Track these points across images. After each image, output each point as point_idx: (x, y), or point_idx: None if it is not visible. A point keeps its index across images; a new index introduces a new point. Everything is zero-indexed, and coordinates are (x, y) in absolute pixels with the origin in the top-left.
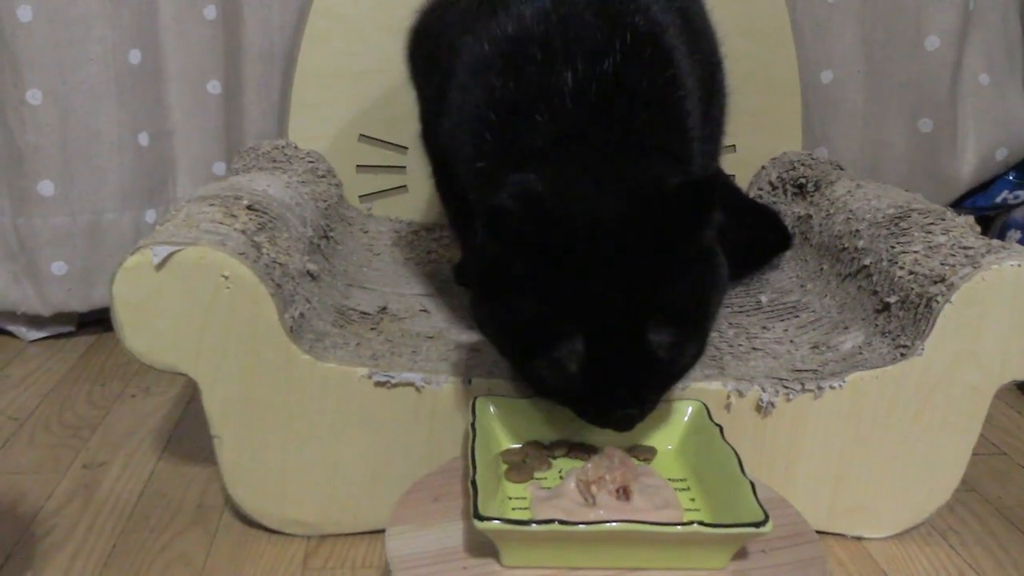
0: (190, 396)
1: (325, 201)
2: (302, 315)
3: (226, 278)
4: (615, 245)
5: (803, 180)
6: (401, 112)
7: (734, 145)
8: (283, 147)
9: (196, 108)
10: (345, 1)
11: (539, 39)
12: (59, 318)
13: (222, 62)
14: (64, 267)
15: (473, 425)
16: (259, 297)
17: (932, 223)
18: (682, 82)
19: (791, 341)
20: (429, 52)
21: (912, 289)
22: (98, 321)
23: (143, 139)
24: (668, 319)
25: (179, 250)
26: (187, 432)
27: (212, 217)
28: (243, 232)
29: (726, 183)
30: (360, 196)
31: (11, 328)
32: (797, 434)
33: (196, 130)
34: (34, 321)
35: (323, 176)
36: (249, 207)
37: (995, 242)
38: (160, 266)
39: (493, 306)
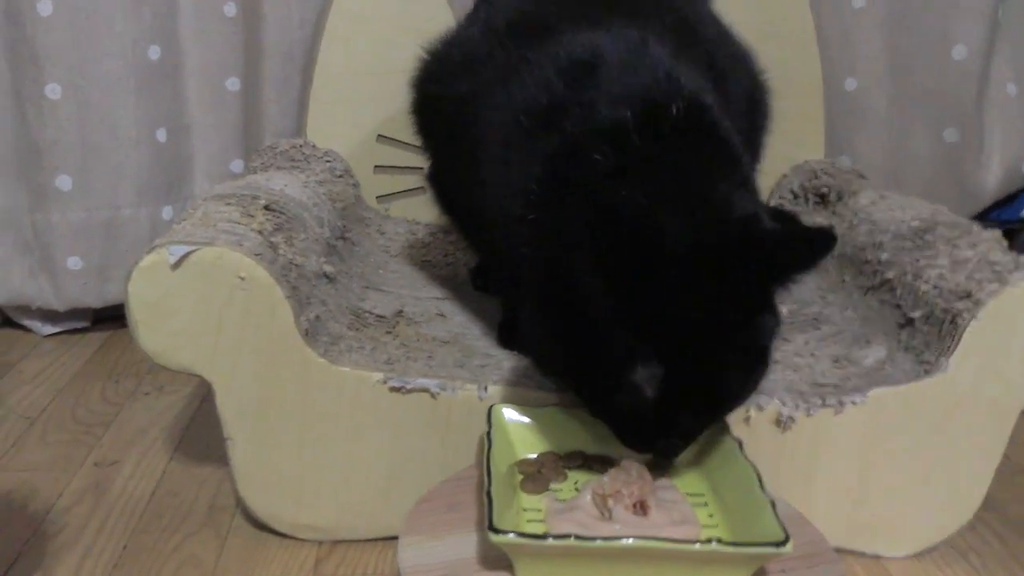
0: (203, 395)
1: (342, 201)
2: (318, 317)
3: (242, 279)
4: (707, 274)
5: (825, 189)
6: None
7: None
8: (301, 146)
9: (214, 105)
10: (366, 0)
11: (591, 72)
12: (74, 313)
13: (241, 59)
14: (80, 262)
15: (489, 434)
16: (275, 299)
17: (958, 236)
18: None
19: (812, 354)
20: (441, 108)
21: (937, 304)
22: (113, 317)
23: (161, 135)
24: (743, 355)
25: (195, 250)
26: (200, 431)
27: (229, 216)
28: (260, 232)
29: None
30: (378, 197)
31: (26, 322)
32: (817, 449)
33: (214, 127)
34: (49, 316)
35: (340, 176)
36: (266, 207)
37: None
38: (176, 265)
39: (561, 328)
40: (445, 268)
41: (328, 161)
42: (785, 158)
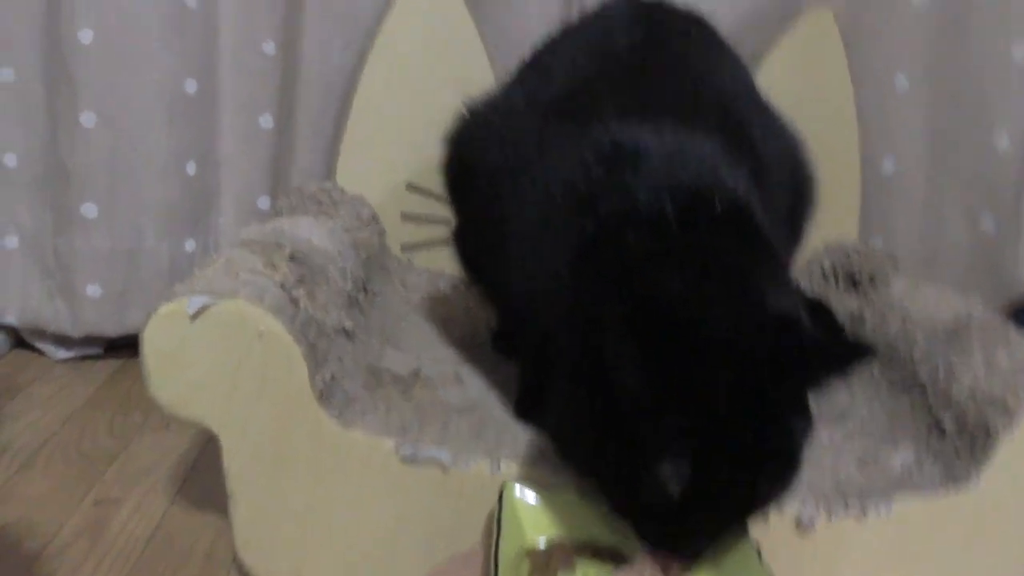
0: (210, 436)
1: (367, 250)
2: (333, 377)
3: (261, 334)
4: (743, 371)
5: (857, 272)
6: None
7: None
8: (329, 190)
9: (246, 141)
10: (406, 47)
11: (632, 160)
12: (88, 340)
13: (276, 97)
14: (99, 290)
15: (499, 518)
16: (292, 357)
17: (994, 340)
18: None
19: (836, 451)
20: (474, 173)
21: (970, 410)
22: (126, 345)
23: (191, 168)
24: (773, 457)
25: (216, 303)
26: (204, 474)
27: (253, 266)
28: (282, 285)
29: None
30: (402, 245)
31: (40, 345)
32: (837, 557)
33: (244, 163)
34: (63, 341)
35: (367, 223)
36: (291, 257)
37: None
38: (195, 316)
39: (588, 416)
40: (466, 326)
41: (355, 207)
42: (817, 236)
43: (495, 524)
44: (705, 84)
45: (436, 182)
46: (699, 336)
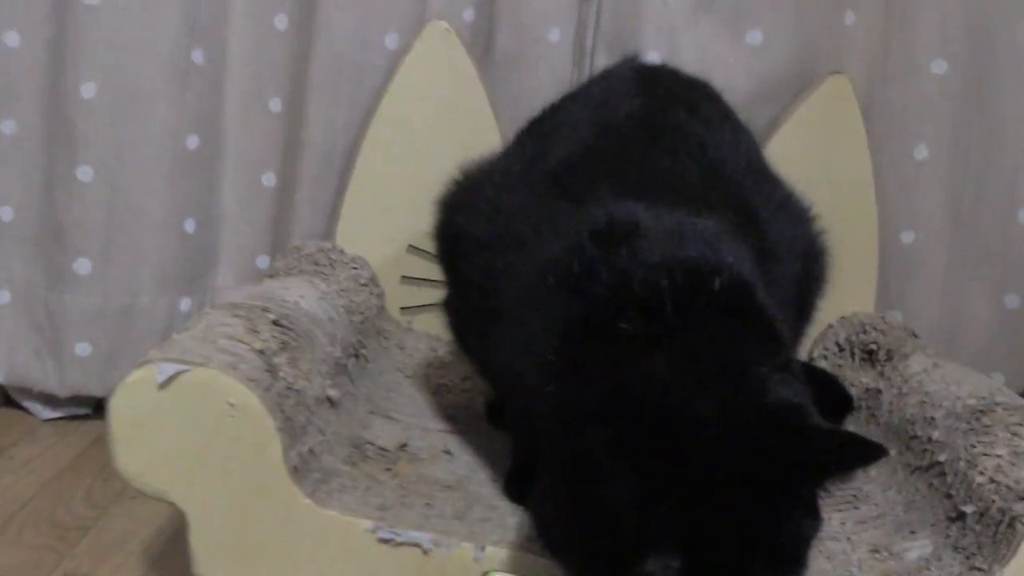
0: None
1: (362, 313)
2: (311, 451)
3: (232, 406)
4: (735, 463)
5: (874, 346)
6: None
7: None
8: (328, 250)
9: (248, 199)
10: (412, 109)
11: (629, 238)
12: (76, 399)
13: (280, 155)
14: (88, 348)
15: None
16: (265, 430)
17: (1019, 424)
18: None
19: (848, 539)
20: (465, 243)
21: (993, 502)
22: None
23: (189, 225)
24: (773, 556)
25: (186, 371)
26: (179, 549)
27: (232, 332)
28: (261, 352)
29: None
30: (402, 308)
31: (27, 403)
32: None
33: (245, 221)
34: (50, 400)
35: (365, 284)
36: (275, 322)
37: None
38: (164, 384)
39: (572, 507)
40: (461, 395)
41: (354, 268)
42: (832, 308)
43: None
44: (708, 157)
45: None
46: (690, 428)
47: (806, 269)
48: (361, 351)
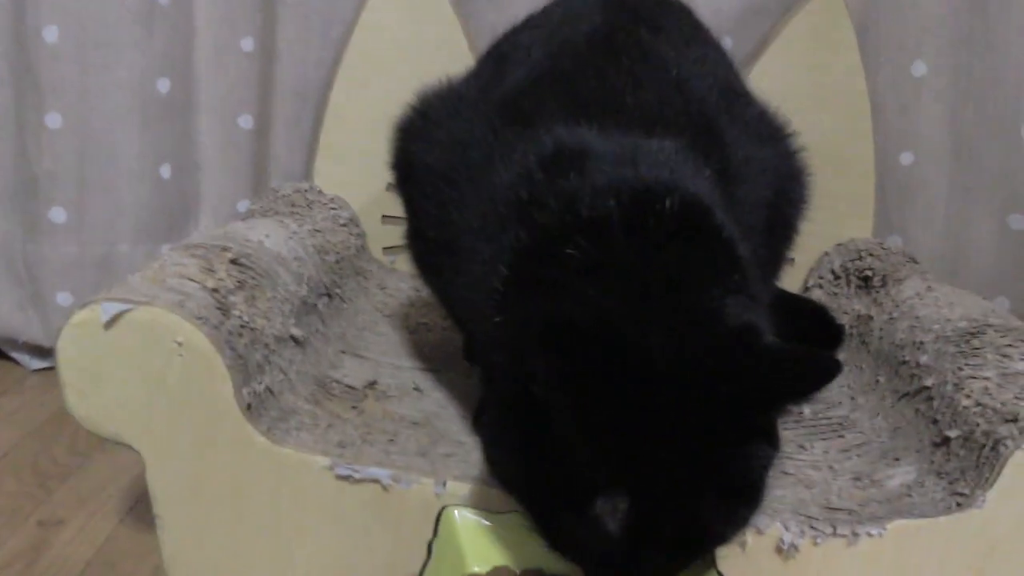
0: None
1: (339, 253)
2: (268, 389)
3: (179, 344)
4: (689, 394)
5: (869, 272)
6: None
7: None
8: (306, 191)
9: (226, 143)
10: (384, 43)
11: (577, 163)
12: None
13: (256, 97)
14: (70, 298)
15: (431, 544)
16: (214, 368)
17: (1010, 344)
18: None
19: (830, 467)
20: (420, 174)
21: (978, 425)
22: None
23: (165, 171)
24: (726, 489)
25: (130, 309)
26: None
27: (185, 272)
28: (215, 291)
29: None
30: (384, 248)
31: (15, 355)
32: None
33: (224, 165)
34: (37, 350)
35: (344, 225)
36: (233, 260)
37: None
38: (109, 325)
39: (521, 443)
40: (440, 333)
41: (333, 208)
42: (828, 235)
43: (426, 551)
44: (670, 77)
45: None
46: (636, 356)
47: (781, 190)
48: (335, 291)
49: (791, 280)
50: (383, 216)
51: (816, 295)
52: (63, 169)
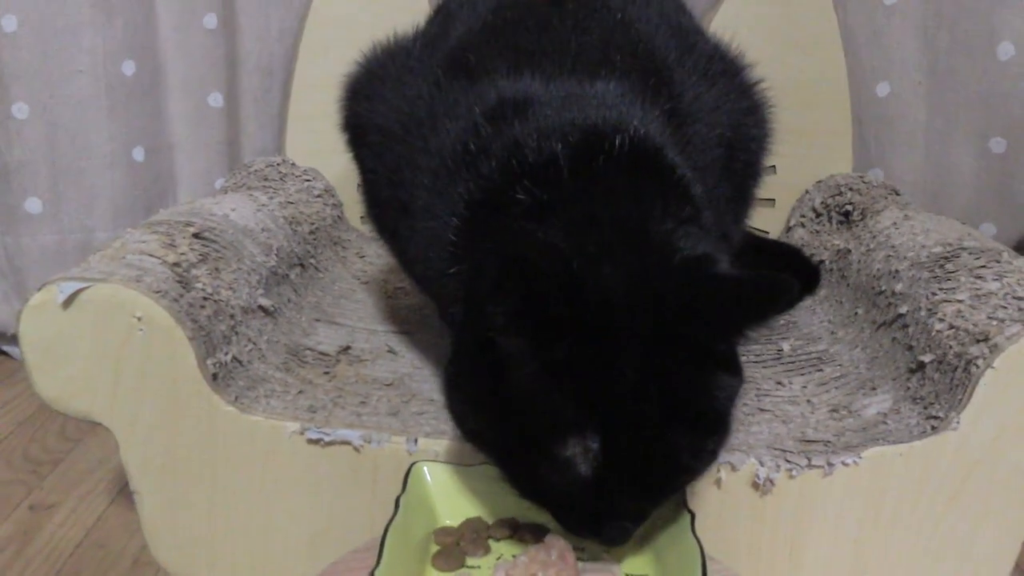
0: None
1: (313, 224)
2: (235, 359)
3: (139, 319)
4: (647, 327)
5: (850, 207)
6: None
7: (774, 166)
8: (278, 164)
9: (198, 121)
10: (345, 9)
11: (521, 110)
12: None
13: (223, 74)
14: None
15: (398, 499)
16: (176, 340)
17: (984, 266)
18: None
19: (808, 401)
20: (368, 133)
21: (950, 348)
22: None
23: (138, 154)
24: (693, 423)
25: (87, 287)
26: None
27: (145, 248)
28: (176, 265)
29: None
30: (362, 217)
31: (5, 348)
32: (803, 517)
33: (198, 144)
34: None
35: (319, 196)
36: (196, 235)
37: None
38: (67, 304)
39: (482, 392)
40: (418, 296)
41: (307, 180)
42: (809, 173)
43: (393, 507)
44: (615, 20)
45: None
46: (591, 294)
47: (738, 125)
48: (309, 261)
49: (774, 221)
50: (359, 185)
51: (799, 233)
52: (34, 159)
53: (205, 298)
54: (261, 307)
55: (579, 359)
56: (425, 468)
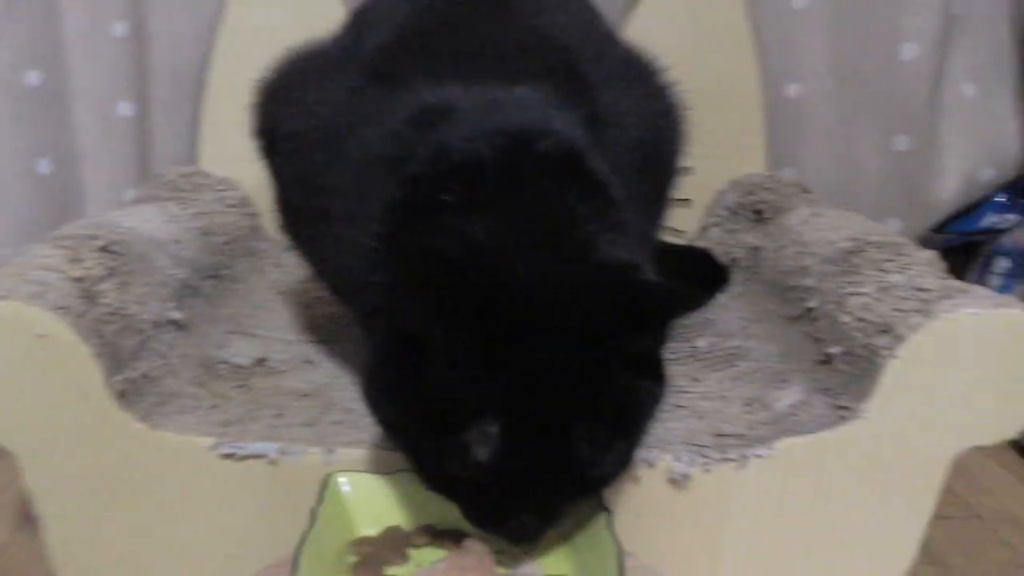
0: None
1: (228, 234)
2: (145, 375)
3: (41, 337)
4: (557, 322)
5: (762, 205)
6: None
7: (691, 167)
8: (191, 175)
9: (106, 131)
10: (259, 16)
11: (444, 116)
12: None
13: (133, 83)
14: None
15: (315, 510)
16: (80, 358)
17: (888, 259)
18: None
19: (722, 396)
20: (283, 142)
21: (856, 339)
22: None
23: (43, 166)
24: (596, 418)
25: None
26: None
27: (48, 263)
28: (80, 280)
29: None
30: (282, 225)
31: None
32: (720, 511)
33: (106, 155)
34: None
35: (233, 206)
36: (103, 248)
37: (956, 284)
38: None
39: (400, 379)
40: (336, 305)
41: (220, 190)
42: (723, 173)
43: (308, 519)
44: (529, 26)
45: None
46: (507, 289)
47: (653, 128)
48: (224, 272)
49: (690, 220)
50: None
51: (714, 233)
52: None
53: (112, 313)
54: (172, 321)
55: (490, 351)
56: (341, 478)
